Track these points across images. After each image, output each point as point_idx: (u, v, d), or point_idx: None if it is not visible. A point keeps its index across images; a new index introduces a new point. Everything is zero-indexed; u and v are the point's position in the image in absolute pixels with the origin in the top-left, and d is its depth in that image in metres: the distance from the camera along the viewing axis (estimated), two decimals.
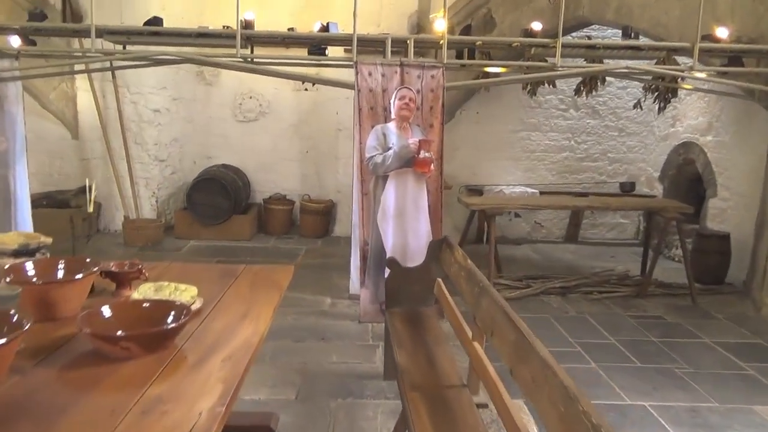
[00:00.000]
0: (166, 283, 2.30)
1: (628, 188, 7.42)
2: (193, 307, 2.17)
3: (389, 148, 4.08)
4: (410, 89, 4.16)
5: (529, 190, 7.11)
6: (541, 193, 7.16)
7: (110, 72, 6.74)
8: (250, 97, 7.61)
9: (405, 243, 4.19)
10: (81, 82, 6.86)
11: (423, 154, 4.05)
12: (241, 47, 4.47)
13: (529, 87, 5.97)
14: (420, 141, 4.04)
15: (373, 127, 4.22)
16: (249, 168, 7.69)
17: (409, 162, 4.07)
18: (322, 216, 7.21)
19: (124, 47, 4.93)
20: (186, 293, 2.22)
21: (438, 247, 3.21)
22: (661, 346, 4.06)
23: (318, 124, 7.58)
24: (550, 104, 7.39)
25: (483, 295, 2.21)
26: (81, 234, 6.54)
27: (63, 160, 7.08)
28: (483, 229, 6.89)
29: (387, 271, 3.47)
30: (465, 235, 5.65)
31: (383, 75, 4.27)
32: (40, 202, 6.50)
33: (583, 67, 4.67)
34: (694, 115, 6.58)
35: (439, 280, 3.18)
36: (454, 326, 2.73)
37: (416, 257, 4.18)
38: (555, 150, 7.50)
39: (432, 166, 4.13)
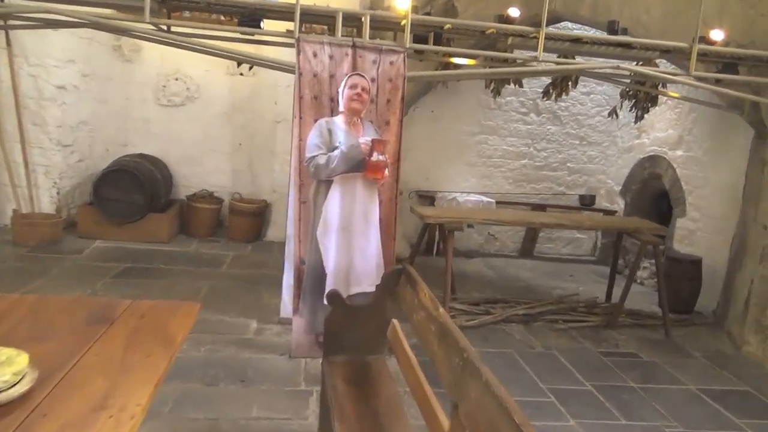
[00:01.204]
0: None
1: (588, 201, 6.94)
2: (15, 392, 1.37)
3: (335, 148, 3.33)
4: (363, 77, 3.41)
5: (485, 199, 6.51)
6: (498, 203, 6.58)
7: (3, 36, 5.66)
8: (176, 79, 6.66)
9: (350, 263, 3.45)
10: None
11: (376, 156, 3.31)
12: (153, 13, 3.59)
13: (493, 85, 5.33)
14: (373, 141, 3.30)
15: (316, 120, 3.46)
16: (172, 159, 6.74)
17: (358, 165, 3.32)
18: (254, 218, 6.36)
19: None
20: (8, 368, 1.40)
21: (394, 279, 2.49)
22: (643, 395, 3.48)
23: (254, 113, 6.72)
24: (511, 107, 6.81)
25: (471, 376, 1.49)
26: None
27: None
28: (434, 239, 6.25)
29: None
30: (416, 250, 4.96)
31: (331, 57, 3.50)
32: None
33: (571, 63, 4.04)
34: (663, 126, 6.14)
35: (395, 322, 2.46)
36: (415, 393, 2.01)
37: (362, 280, 3.46)
38: (513, 156, 6.93)
39: (386, 172, 3.39)
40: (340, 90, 3.41)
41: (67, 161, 6.14)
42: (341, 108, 3.43)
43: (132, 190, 5.77)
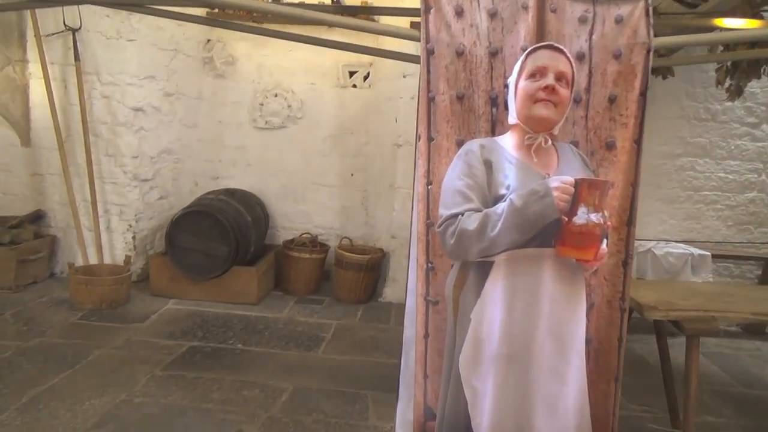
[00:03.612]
0: None
1: None
2: None
3: (499, 198, 1.66)
4: (561, 50, 1.71)
5: (694, 250, 4.46)
6: (714, 256, 4.50)
7: (72, 50, 4.66)
8: (276, 95, 5.37)
9: (525, 425, 1.72)
10: (36, 67, 4.80)
11: (585, 215, 1.58)
12: None
13: (730, 80, 3.37)
14: (579, 183, 1.59)
15: (460, 144, 1.82)
16: (269, 194, 5.44)
17: (546, 233, 1.63)
18: (367, 272, 4.82)
19: None
20: None
21: None
22: None
23: (369, 136, 5.24)
24: (732, 116, 4.73)
25: None
26: (16, 282, 4.47)
27: (9, 175, 5.04)
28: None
29: None
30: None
31: (493, 15, 1.85)
32: None
33: None
34: None
35: None
36: None
37: None
38: (734, 188, 4.82)
39: (604, 246, 1.65)
40: (512, 81, 1.75)
41: (146, 199, 5.02)
42: (513, 118, 1.75)
43: (213, 237, 4.48)
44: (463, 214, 1.67)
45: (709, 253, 4.44)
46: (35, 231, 4.86)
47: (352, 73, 5.31)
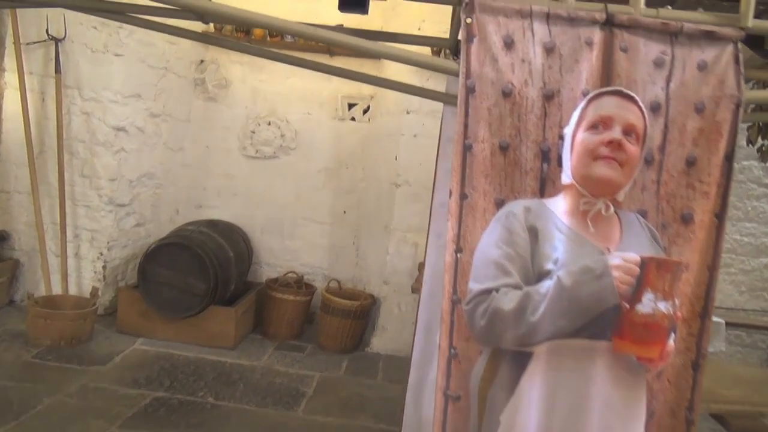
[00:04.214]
0: None
1: None
2: None
3: (545, 273, 1.34)
4: (632, 98, 1.41)
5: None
6: (728, 323, 4.20)
7: (53, 61, 4.33)
8: (269, 123, 5.06)
9: None
10: (13, 77, 4.45)
11: (651, 302, 1.27)
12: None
13: (762, 140, 3.12)
14: (649, 261, 1.28)
15: (500, 202, 1.51)
16: (255, 227, 5.09)
17: (602, 323, 1.30)
18: (355, 320, 4.45)
19: None
20: None
21: None
22: None
23: (365, 172, 4.94)
24: (749, 175, 4.50)
25: None
26: None
27: None
28: None
29: None
30: None
31: (550, 50, 1.55)
32: None
33: None
34: None
35: None
36: None
37: None
38: (749, 251, 4.56)
39: (671, 342, 1.33)
40: (568, 132, 1.46)
41: (121, 225, 4.63)
42: (567, 177, 1.45)
43: (191, 272, 4.10)
44: (498, 291, 1.35)
45: (723, 321, 4.13)
46: None
47: (351, 106, 5.04)
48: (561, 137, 1.47)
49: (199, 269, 4.09)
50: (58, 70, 4.34)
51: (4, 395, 3.08)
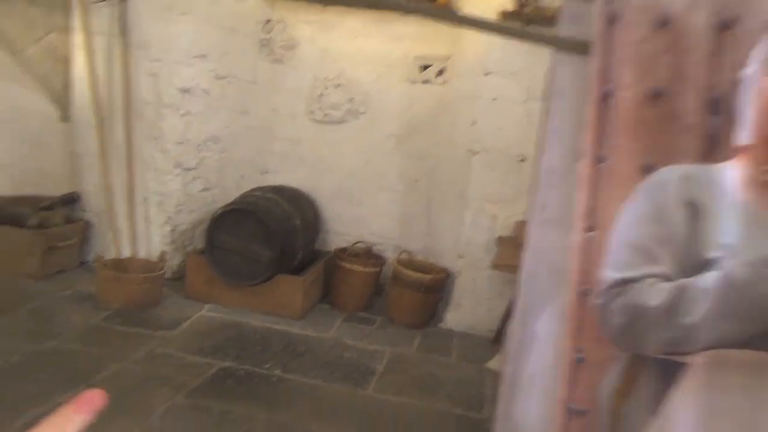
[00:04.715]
0: None
1: None
2: None
3: (707, 261, 1.03)
4: None
5: None
6: None
7: (120, 20, 4.21)
8: (337, 86, 4.81)
9: None
10: (81, 37, 4.37)
11: None
12: None
13: None
14: None
15: (649, 168, 1.20)
16: (323, 195, 4.89)
17: None
18: (427, 293, 4.21)
19: None
20: None
21: None
22: None
23: (439, 138, 4.63)
24: None
25: None
26: (42, 270, 4.04)
27: (45, 152, 4.64)
28: None
29: None
30: None
31: None
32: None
33: None
34: None
35: None
36: None
37: None
38: None
39: None
40: (749, 75, 1.10)
41: (188, 190, 4.53)
42: (746, 136, 1.10)
43: (256, 240, 3.95)
44: (641, 281, 1.05)
45: None
46: (67, 215, 4.44)
47: (424, 67, 4.71)
48: (738, 82, 1.13)
49: (265, 237, 3.93)
50: (124, 30, 4.22)
51: (72, 359, 3.02)
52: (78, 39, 4.39)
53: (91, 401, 0.48)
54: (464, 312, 4.19)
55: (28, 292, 3.85)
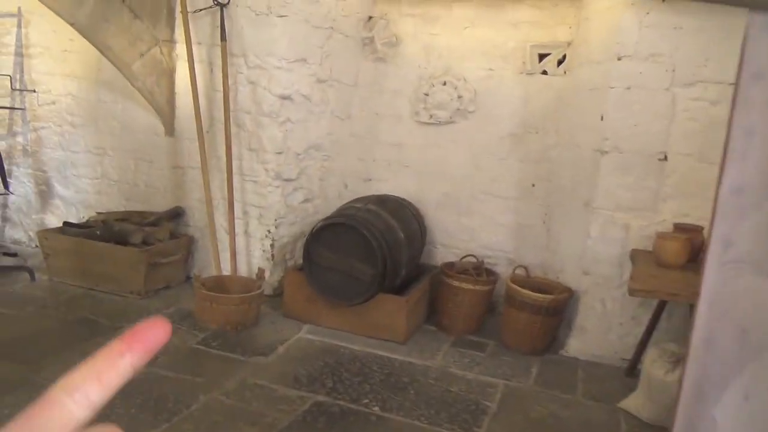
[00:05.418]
0: None
1: None
2: None
3: None
4: None
5: None
6: None
7: (219, 28, 4.08)
8: (444, 83, 4.39)
9: None
10: (183, 49, 4.31)
11: None
12: None
13: None
14: None
15: None
16: (429, 203, 4.50)
17: None
18: (547, 316, 3.68)
19: None
20: None
21: None
22: None
23: (560, 136, 4.07)
24: None
25: None
26: (146, 287, 4.02)
27: (152, 166, 4.66)
28: None
29: None
30: None
31: None
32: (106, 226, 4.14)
33: None
34: None
35: None
36: None
37: None
38: None
39: None
40: None
41: (288, 201, 4.34)
42: None
43: (357, 256, 3.64)
44: None
45: None
46: (172, 230, 4.41)
47: (542, 57, 4.16)
48: None
49: (366, 253, 3.61)
50: (223, 37, 4.08)
51: (163, 389, 2.87)
52: (180, 50, 4.34)
53: (147, 336, 0.37)
54: (590, 338, 3.62)
55: (132, 310, 3.82)
